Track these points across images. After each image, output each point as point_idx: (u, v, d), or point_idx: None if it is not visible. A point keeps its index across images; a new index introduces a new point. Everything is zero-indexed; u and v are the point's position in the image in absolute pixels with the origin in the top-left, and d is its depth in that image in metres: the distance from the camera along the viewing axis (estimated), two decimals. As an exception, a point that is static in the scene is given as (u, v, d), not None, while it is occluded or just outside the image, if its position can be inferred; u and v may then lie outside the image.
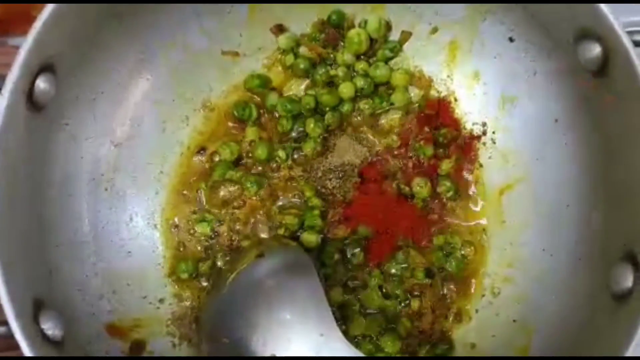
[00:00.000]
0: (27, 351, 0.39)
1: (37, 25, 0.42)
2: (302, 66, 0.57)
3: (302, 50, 0.57)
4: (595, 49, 0.45)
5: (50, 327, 0.43)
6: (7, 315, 0.39)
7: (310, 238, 0.54)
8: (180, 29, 0.55)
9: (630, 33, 0.43)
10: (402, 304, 0.55)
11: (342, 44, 0.57)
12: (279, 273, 0.50)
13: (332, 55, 0.57)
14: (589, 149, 0.50)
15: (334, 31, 0.57)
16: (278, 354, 0.46)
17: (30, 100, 0.44)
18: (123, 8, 0.49)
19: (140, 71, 0.55)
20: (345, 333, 0.53)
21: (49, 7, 0.43)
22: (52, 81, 0.45)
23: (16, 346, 0.40)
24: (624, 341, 0.41)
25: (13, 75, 0.41)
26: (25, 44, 0.42)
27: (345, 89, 0.56)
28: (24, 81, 0.42)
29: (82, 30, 0.47)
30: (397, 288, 0.55)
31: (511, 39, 0.54)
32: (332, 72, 0.57)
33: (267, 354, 0.46)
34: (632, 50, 0.42)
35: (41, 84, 0.44)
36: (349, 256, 0.55)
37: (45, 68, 0.44)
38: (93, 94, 0.52)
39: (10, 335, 0.39)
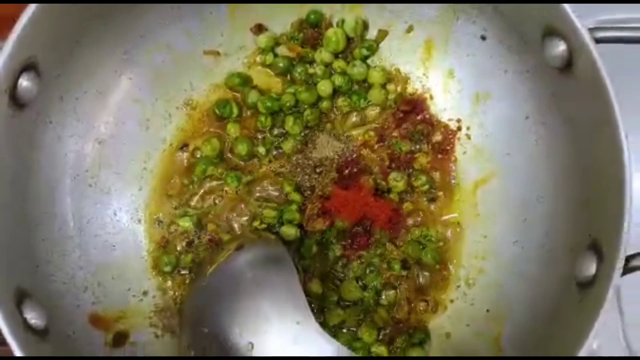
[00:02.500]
0: (9, 338, 0.40)
1: (20, 23, 0.44)
2: (281, 65, 0.58)
3: (282, 49, 0.59)
4: (560, 47, 0.47)
5: (33, 317, 0.44)
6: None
7: (289, 231, 0.55)
8: (163, 29, 0.56)
9: (591, 30, 0.45)
10: (379, 295, 0.56)
11: (320, 43, 0.59)
12: (257, 265, 0.51)
13: (310, 54, 0.59)
14: (558, 143, 0.52)
15: (312, 30, 0.58)
16: (255, 343, 0.48)
17: (13, 98, 0.45)
18: (105, 9, 0.51)
19: (124, 71, 0.56)
20: (324, 324, 0.55)
21: (31, 7, 0.44)
22: (35, 80, 0.47)
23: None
24: (587, 327, 0.43)
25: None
26: (7, 43, 0.43)
27: (324, 87, 0.58)
28: (7, 79, 0.44)
29: (65, 30, 0.49)
30: (374, 280, 0.56)
31: (483, 38, 0.55)
32: (311, 71, 0.59)
33: (245, 342, 0.48)
34: (593, 47, 0.44)
35: (24, 82, 0.45)
36: (327, 249, 0.57)
37: (28, 67, 0.46)
38: (77, 92, 0.53)
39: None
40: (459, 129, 0.59)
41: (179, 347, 0.53)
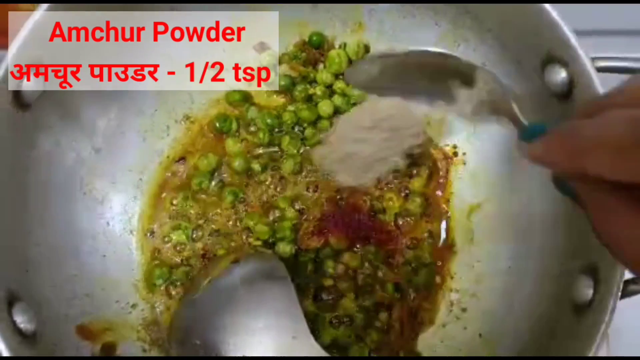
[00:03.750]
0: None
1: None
2: (282, 83, 0.59)
3: (284, 67, 0.59)
4: (561, 74, 0.48)
5: (23, 321, 0.43)
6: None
7: (285, 248, 0.55)
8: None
9: (593, 59, 0.46)
10: (371, 317, 0.56)
11: (321, 64, 0.59)
12: (253, 279, 0.51)
13: (312, 74, 0.59)
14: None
15: (314, 51, 0.59)
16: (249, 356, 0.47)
17: (17, 97, 0.45)
18: (108, 19, 0.51)
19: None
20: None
21: (42, 7, 0.44)
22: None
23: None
24: (583, 353, 0.43)
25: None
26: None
27: (325, 107, 0.58)
28: (12, 78, 0.44)
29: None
30: (367, 301, 0.56)
31: (483, 65, 0.56)
32: (311, 91, 0.59)
33: (238, 356, 0.47)
34: (595, 76, 0.45)
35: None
36: (321, 268, 0.56)
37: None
38: (78, 98, 0.53)
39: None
40: (455, 154, 0.59)
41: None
